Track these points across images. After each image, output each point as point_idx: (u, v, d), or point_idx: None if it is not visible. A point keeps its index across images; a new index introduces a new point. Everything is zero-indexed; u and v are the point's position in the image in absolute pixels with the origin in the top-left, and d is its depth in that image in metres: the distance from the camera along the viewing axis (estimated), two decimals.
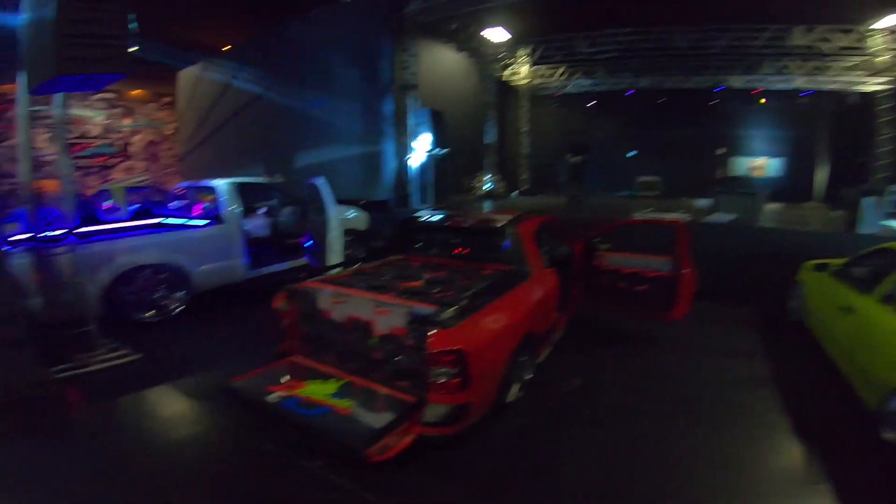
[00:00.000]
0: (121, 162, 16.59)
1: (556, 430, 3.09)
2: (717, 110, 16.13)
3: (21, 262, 4.02)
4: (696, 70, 15.46)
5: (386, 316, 2.89)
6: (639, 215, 9.24)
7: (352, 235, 7.42)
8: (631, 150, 17.60)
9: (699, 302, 4.35)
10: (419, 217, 4.61)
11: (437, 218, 4.49)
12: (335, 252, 5.40)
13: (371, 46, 10.70)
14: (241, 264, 5.86)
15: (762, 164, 16.27)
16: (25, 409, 3.35)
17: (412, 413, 2.61)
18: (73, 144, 15.29)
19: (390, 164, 10.67)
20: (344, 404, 2.69)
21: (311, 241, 5.76)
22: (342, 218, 7.07)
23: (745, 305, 5.59)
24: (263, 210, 6.97)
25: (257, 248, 6.36)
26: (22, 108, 3.75)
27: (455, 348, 2.50)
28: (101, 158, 16.07)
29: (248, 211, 6.82)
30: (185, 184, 6.85)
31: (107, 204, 9.74)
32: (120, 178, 16.18)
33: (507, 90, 17.67)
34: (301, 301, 3.36)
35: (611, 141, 17.37)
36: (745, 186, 11.27)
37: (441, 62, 13.55)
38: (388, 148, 10.66)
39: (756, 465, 2.72)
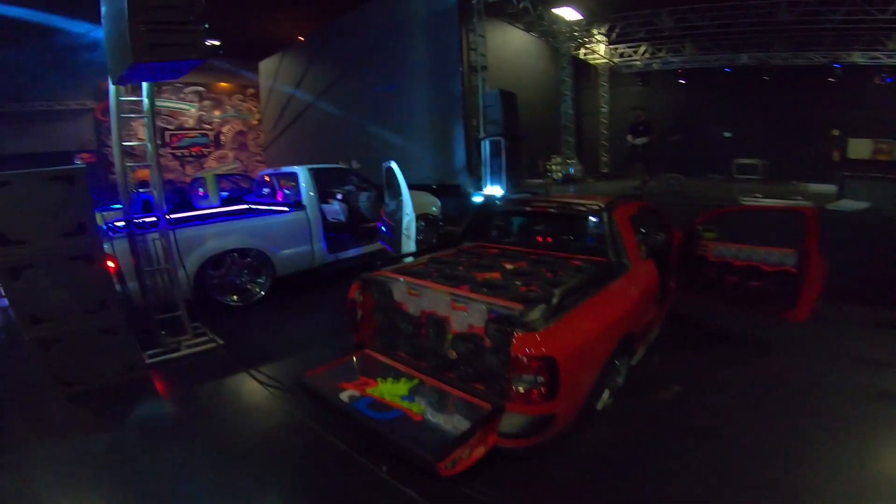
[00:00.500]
0: (213, 151, 17.74)
1: (650, 442, 2.76)
2: (832, 88, 14.09)
3: (122, 248, 4.30)
4: (806, 45, 13.53)
5: (463, 312, 2.69)
6: (749, 200, 8.30)
7: (423, 221, 7.36)
8: (727, 131, 15.97)
9: (825, 302, 3.75)
10: (496, 200, 4.37)
11: (516, 202, 4.23)
12: (409, 238, 5.33)
13: (439, 28, 10.45)
14: (319, 249, 5.98)
15: (888, 147, 14.05)
16: (117, 394, 3.58)
17: (488, 422, 2.38)
18: (172, 135, 16.75)
19: (461, 148, 10.44)
20: (416, 408, 2.54)
21: (385, 227, 5.76)
22: (418, 202, 7.08)
23: (883, 307, 4.70)
24: (340, 195, 7.08)
25: (334, 234, 6.48)
26: (113, 99, 3.92)
27: (545, 355, 2.24)
28: (196, 148, 17.31)
29: (326, 196, 6.98)
30: (268, 171, 7.10)
31: (200, 191, 10.46)
32: (213, 166, 17.38)
33: (583, 69, 16.68)
34: (375, 292, 3.26)
35: (703, 121, 15.84)
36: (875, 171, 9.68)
37: (510, 43, 13.06)
38: (459, 131, 10.43)
39: None
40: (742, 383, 3.40)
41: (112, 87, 3.87)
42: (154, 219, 4.33)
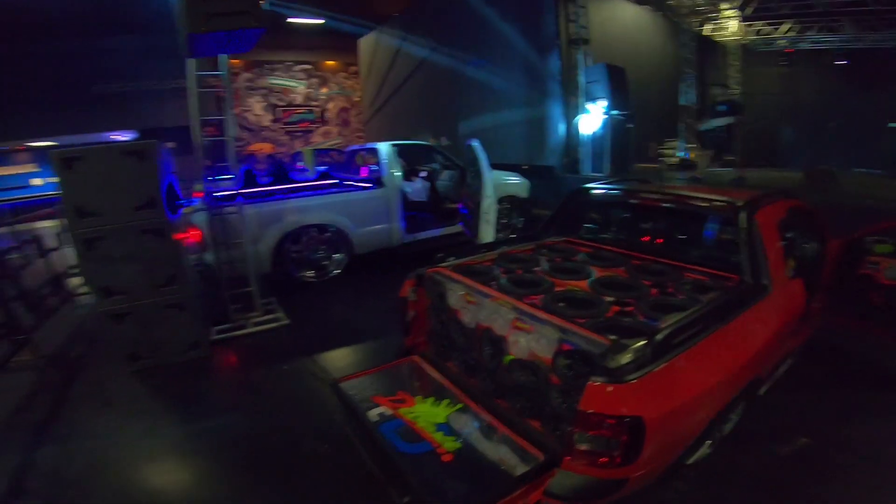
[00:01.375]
0: (319, 127, 18.55)
1: None
2: None
3: (202, 221, 4.36)
4: None
5: (526, 335, 2.15)
6: None
7: (509, 203, 6.88)
8: (892, 121, 13.21)
9: None
10: (593, 188, 3.68)
11: (619, 190, 3.52)
12: (488, 222, 4.90)
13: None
14: (398, 228, 5.77)
15: None
16: (179, 370, 3.61)
17: (535, 478, 1.86)
18: (283, 110, 17.75)
19: (557, 127, 9.60)
20: (449, 445, 2.08)
21: (465, 209, 5.38)
22: (501, 183, 6.59)
23: None
24: (424, 173, 6.80)
25: (415, 213, 6.23)
26: (189, 72, 3.90)
27: (627, 415, 1.63)
28: (304, 124, 18.18)
29: (410, 174, 6.75)
30: (353, 147, 7.01)
31: (299, 164, 10.86)
32: (317, 141, 18.19)
33: (709, 47, 14.67)
34: (430, 291, 2.81)
35: (860, 109, 13.23)
36: None
37: (620, 16, 11.85)
38: (555, 109, 9.58)
39: None
40: (890, 442, 2.53)
41: (188, 61, 3.85)
42: (230, 192, 4.32)
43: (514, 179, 7.06)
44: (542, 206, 7.49)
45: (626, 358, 1.69)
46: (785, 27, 13.49)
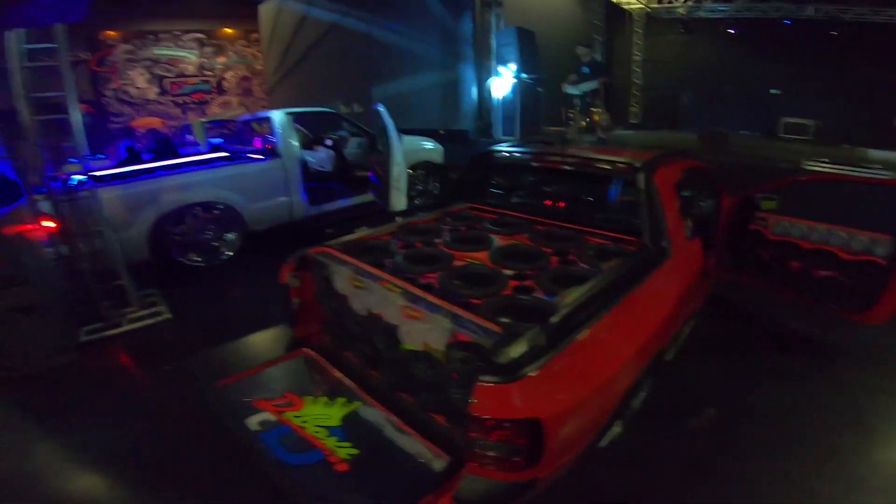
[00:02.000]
0: (216, 98, 16.96)
1: (665, 491, 2.02)
2: None
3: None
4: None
5: (417, 324, 1.88)
6: (814, 166, 7.14)
7: (424, 169, 6.57)
8: (775, 88, 14.38)
9: None
10: (497, 151, 3.42)
11: (523, 153, 3.30)
12: (399, 190, 4.59)
13: None
14: (299, 201, 5.23)
15: None
16: (43, 380, 3.01)
17: (442, 482, 1.64)
18: (172, 83, 15.99)
19: (470, 91, 9.37)
20: (343, 452, 1.80)
21: (375, 177, 5.00)
22: (414, 149, 6.25)
23: None
24: (329, 142, 6.26)
25: (320, 183, 5.73)
26: (9, 45, 3.17)
27: (522, 418, 1.43)
28: (198, 95, 16.52)
29: (314, 143, 6.20)
30: (245, 116, 6.28)
31: (189, 138, 9.75)
32: (216, 112, 16.64)
33: (617, 14, 14.98)
34: (315, 274, 2.44)
35: (749, 76, 14.19)
36: None
37: None
38: (468, 73, 9.36)
39: None
40: (796, 407, 2.58)
41: (9, 34, 3.13)
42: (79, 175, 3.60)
43: (428, 145, 6.73)
44: (458, 171, 7.24)
45: (517, 350, 1.47)
46: None
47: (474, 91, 9.39)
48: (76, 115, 3.50)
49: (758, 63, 14.25)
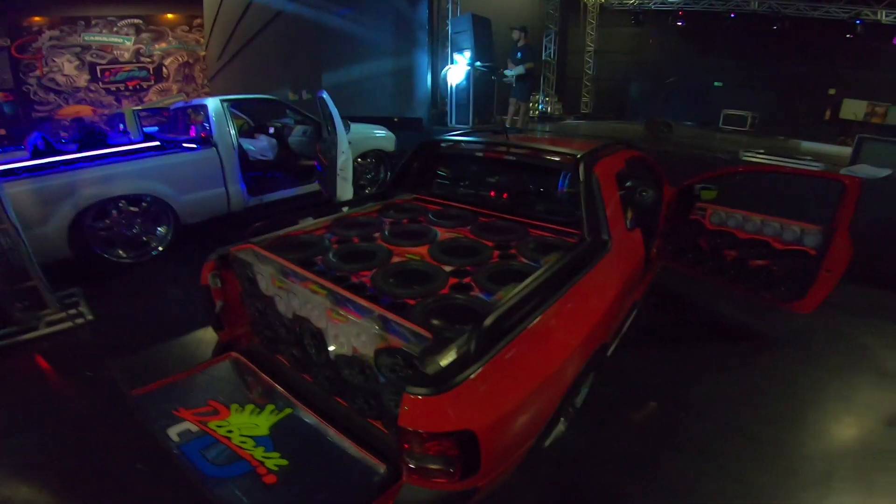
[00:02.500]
0: (153, 85, 15.98)
1: (608, 492, 1.98)
2: (839, 46, 12.80)
3: None
4: None
5: (344, 327, 1.73)
6: (751, 157, 7.39)
7: (375, 157, 6.38)
8: (718, 80, 14.92)
9: (842, 284, 2.88)
10: (442, 140, 3.28)
11: (470, 142, 3.20)
12: (346, 179, 4.44)
13: None
14: (237, 192, 4.93)
15: (883, 110, 13.07)
16: None
17: (379, 493, 1.53)
18: (105, 70, 14.95)
19: (424, 79, 9.19)
20: (272, 463, 1.66)
21: (320, 166, 4.80)
22: (365, 137, 6.07)
23: None
24: (271, 130, 5.97)
25: (261, 173, 5.44)
26: None
27: (454, 430, 1.32)
28: (134, 82, 15.52)
29: (255, 131, 5.89)
30: (179, 104, 5.87)
31: (121, 127, 9.10)
32: (154, 99, 15.72)
33: (571, 4, 15.16)
34: (238, 274, 2.25)
35: (695, 68, 14.71)
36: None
37: None
38: (422, 60, 9.17)
39: None
40: (733, 398, 2.62)
41: None
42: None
43: (379, 133, 6.51)
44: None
45: (446, 359, 1.36)
46: None
47: (429, 78, 9.20)
48: None
49: (703, 56, 14.78)
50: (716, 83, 14.89)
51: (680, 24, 14.95)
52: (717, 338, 3.28)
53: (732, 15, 13.91)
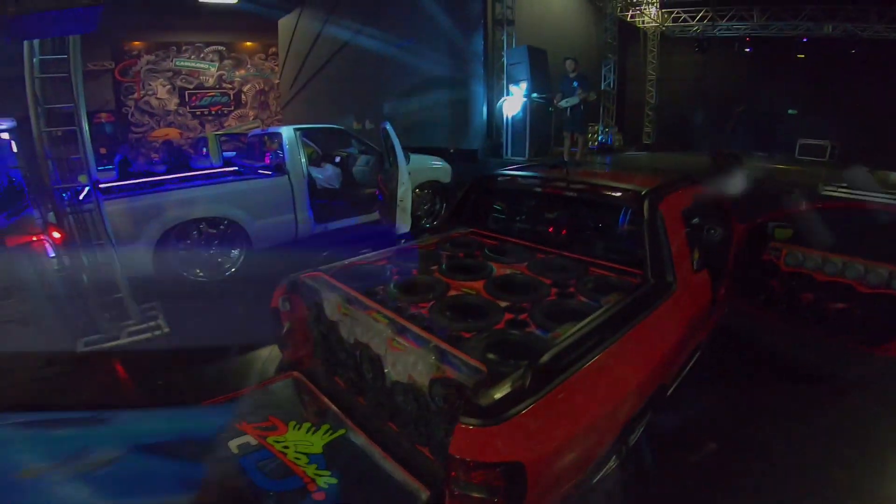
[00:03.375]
0: (233, 110, 17.27)
1: None
2: None
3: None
4: None
5: (402, 355, 1.82)
6: (832, 191, 6.93)
7: (431, 188, 6.58)
8: (791, 108, 14.17)
9: None
10: (499, 174, 3.34)
11: (525, 177, 3.21)
12: (405, 210, 4.58)
13: None
14: (305, 219, 5.24)
15: None
16: (29, 392, 3.00)
17: None
18: (192, 94, 16.37)
19: (480, 110, 9.36)
20: (322, 480, 1.75)
21: (381, 196, 5.00)
22: (422, 168, 6.26)
23: None
24: (337, 159, 6.30)
25: (326, 201, 5.75)
26: (26, 55, 3.24)
27: (503, 461, 1.35)
28: (216, 107, 16.86)
29: (322, 160, 6.24)
30: (256, 131, 6.35)
31: (204, 150, 9.89)
32: (232, 125, 16.97)
33: (630, 33, 15.03)
34: (306, 299, 2.40)
35: (764, 96, 14.03)
36: None
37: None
38: (478, 91, 9.34)
39: None
40: (799, 439, 2.47)
41: (27, 44, 3.19)
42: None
43: (436, 164, 6.73)
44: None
45: (500, 392, 1.42)
46: (700, 13, 14.09)
47: (484, 110, 9.39)
48: (85, 127, 3.54)
49: (774, 82, 14.13)
50: (790, 111, 14.17)
51: (748, 49, 14.44)
52: (785, 380, 3.09)
53: (805, 39, 13.29)
